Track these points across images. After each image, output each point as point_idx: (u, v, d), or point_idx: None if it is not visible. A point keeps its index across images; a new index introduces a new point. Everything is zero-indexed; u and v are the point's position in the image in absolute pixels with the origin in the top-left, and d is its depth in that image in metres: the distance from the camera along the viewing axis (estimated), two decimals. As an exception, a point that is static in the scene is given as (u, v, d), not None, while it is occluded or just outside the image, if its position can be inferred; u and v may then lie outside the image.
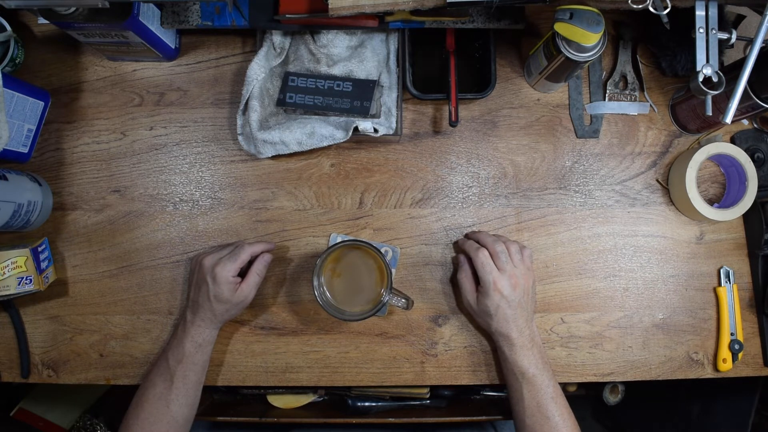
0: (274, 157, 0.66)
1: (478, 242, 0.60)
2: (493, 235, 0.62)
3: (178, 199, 0.67)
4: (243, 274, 0.60)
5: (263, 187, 0.67)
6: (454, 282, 0.65)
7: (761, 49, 0.49)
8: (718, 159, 0.67)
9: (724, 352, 0.64)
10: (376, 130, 0.60)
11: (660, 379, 0.65)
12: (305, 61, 0.64)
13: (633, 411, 1.14)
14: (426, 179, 0.67)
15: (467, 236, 0.64)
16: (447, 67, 0.63)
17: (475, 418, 0.80)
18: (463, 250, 0.61)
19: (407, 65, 0.62)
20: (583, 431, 0.57)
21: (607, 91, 0.68)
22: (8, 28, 0.64)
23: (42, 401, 0.99)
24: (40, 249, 0.62)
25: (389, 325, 0.65)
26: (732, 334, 0.65)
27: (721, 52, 0.56)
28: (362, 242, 0.59)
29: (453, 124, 0.61)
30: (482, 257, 0.58)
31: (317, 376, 0.64)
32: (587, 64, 0.59)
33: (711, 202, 0.66)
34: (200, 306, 0.58)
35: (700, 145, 0.65)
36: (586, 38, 0.52)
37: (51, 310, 0.65)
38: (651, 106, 0.68)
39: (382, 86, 0.64)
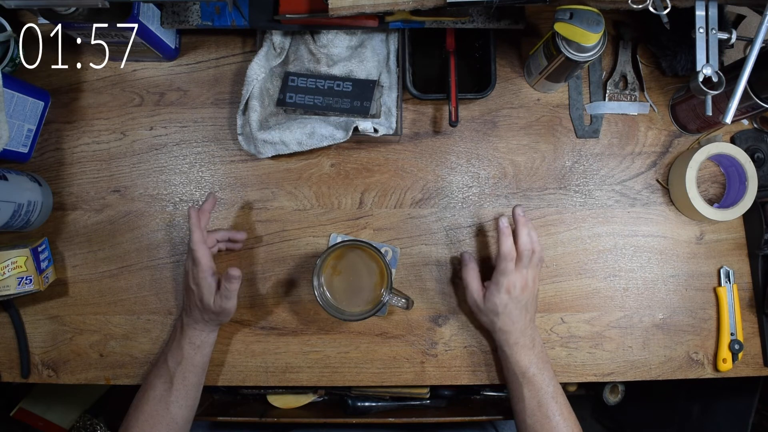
0: (274, 157, 0.66)
1: (515, 229, 0.58)
2: (527, 226, 0.58)
3: (178, 199, 0.67)
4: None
5: (263, 187, 0.67)
6: (454, 282, 0.65)
7: (761, 49, 0.49)
8: (718, 159, 0.67)
9: (724, 352, 0.64)
10: (376, 130, 0.60)
11: (660, 379, 0.65)
12: (305, 61, 0.64)
13: (633, 411, 1.14)
14: (426, 179, 0.67)
15: (514, 211, 0.59)
16: (447, 67, 0.63)
17: (475, 418, 0.80)
18: (498, 227, 0.58)
19: (407, 65, 0.62)
20: (583, 431, 0.57)
21: (607, 91, 0.68)
22: (8, 28, 0.64)
23: (42, 401, 0.99)
24: (40, 249, 0.62)
25: (389, 325, 0.65)
26: (732, 334, 0.65)
27: (721, 52, 0.56)
28: (362, 242, 0.59)
29: (453, 124, 0.61)
30: (509, 249, 0.57)
31: (317, 376, 0.64)
32: (587, 64, 0.59)
33: (711, 202, 0.66)
34: (192, 309, 0.58)
35: (700, 145, 0.65)
36: (586, 38, 0.52)
37: (51, 310, 0.65)
38: (651, 106, 0.68)
39: (382, 86, 0.64)
